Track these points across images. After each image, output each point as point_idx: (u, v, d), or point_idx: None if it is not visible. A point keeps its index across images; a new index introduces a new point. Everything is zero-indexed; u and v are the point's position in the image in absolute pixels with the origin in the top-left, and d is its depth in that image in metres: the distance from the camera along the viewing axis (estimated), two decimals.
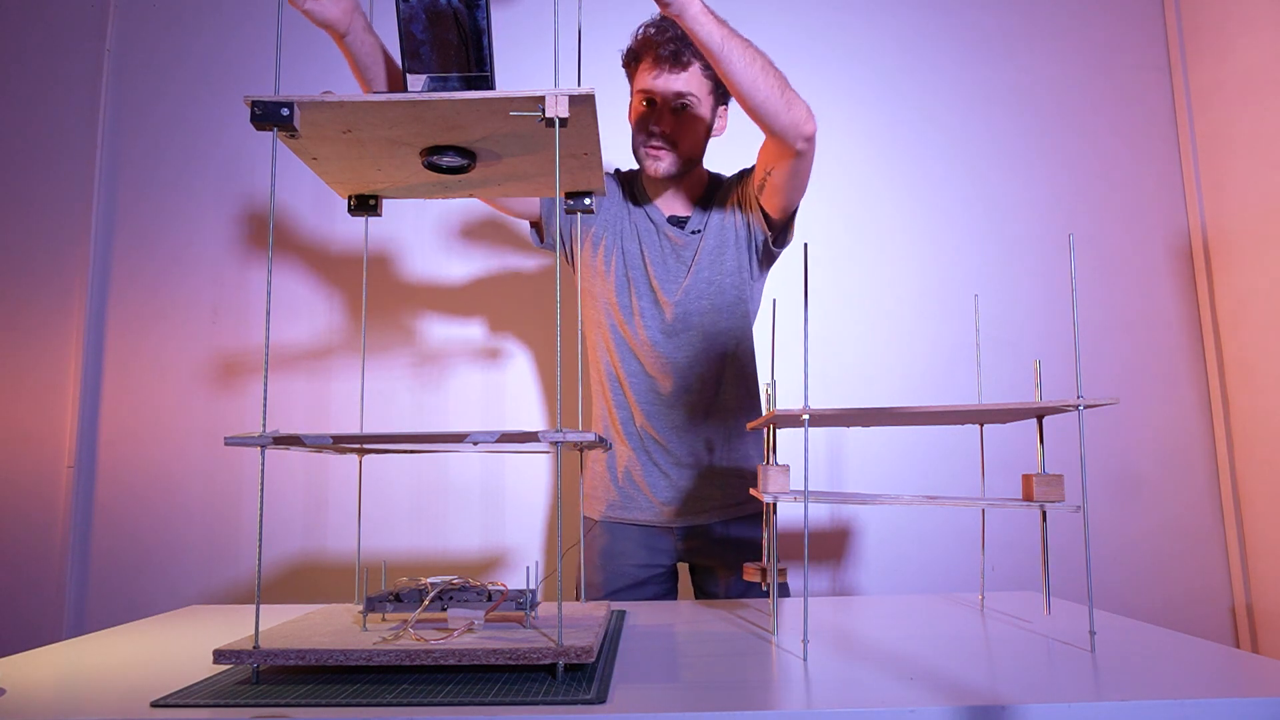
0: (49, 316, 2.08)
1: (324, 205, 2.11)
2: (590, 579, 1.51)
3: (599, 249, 1.51)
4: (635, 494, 1.50)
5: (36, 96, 2.15)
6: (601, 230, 1.51)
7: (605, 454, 1.54)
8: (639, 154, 1.47)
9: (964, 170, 2.15)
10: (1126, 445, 2.06)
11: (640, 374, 1.50)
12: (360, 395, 1.27)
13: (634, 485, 1.50)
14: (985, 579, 1.26)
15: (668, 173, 1.44)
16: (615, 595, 1.48)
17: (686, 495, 1.49)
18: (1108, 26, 2.19)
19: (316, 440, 0.84)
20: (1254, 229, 1.94)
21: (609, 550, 1.51)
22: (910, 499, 1.00)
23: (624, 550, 1.50)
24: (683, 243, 1.49)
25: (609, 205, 1.52)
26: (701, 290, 1.48)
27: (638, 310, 1.49)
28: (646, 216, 1.51)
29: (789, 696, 0.76)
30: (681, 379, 1.48)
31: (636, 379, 1.50)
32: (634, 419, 1.51)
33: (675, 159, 1.44)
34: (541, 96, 0.86)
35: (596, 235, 1.51)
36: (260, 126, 0.86)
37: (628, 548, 1.50)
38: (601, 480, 1.54)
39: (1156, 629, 1.04)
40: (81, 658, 0.96)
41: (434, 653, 0.80)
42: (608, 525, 1.52)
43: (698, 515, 1.49)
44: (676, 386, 1.48)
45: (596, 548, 1.52)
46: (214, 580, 2.01)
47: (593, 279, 1.52)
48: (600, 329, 1.53)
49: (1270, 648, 1.91)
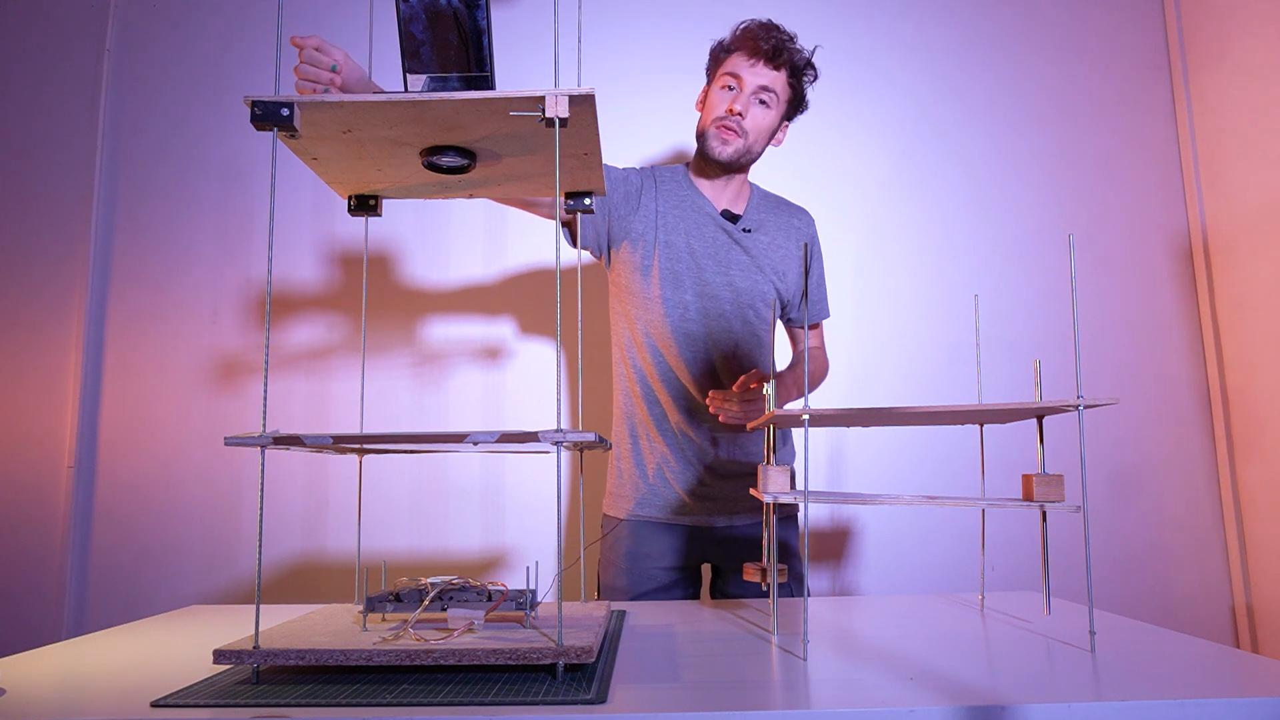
0: (49, 316, 2.08)
1: (324, 205, 2.11)
2: (614, 581, 1.48)
3: (639, 244, 1.50)
4: (667, 491, 1.49)
5: (36, 96, 2.16)
6: (644, 226, 1.51)
7: (631, 451, 1.53)
8: (707, 134, 1.49)
9: (964, 170, 2.15)
10: (1126, 445, 2.06)
11: (677, 369, 1.49)
12: (360, 395, 1.27)
13: (665, 483, 1.49)
14: (985, 579, 1.26)
15: (731, 157, 1.48)
16: (642, 598, 1.45)
17: (721, 494, 1.48)
18: (1108, 26, 2.19)
19: (316, 440, 0.84)
20: (1254, 229, 1.94)
21: (634, 552, 1.48)
22: (910, 499, 1.00)
23: (650, 552, 1.48)
24: (736, 237, 1.51)
25: (649, 201, 1.52)
26: (751, 284, 1.49)
27: (680, 303, 1.48)
28: (697, 209, 1.52)
29: (789, 696, 0.76)
30: (718, 375, 1.48)
31: (672, 375, 1.49)
32: (668, 416, 1.49)
33: (742, 145, 1.47)
34: (541, 96, 0.86)
35: (637, 231, 1.50)
36: (260, 126, 0.86)
37: (655, 548, 1.48)
38: (630, 478, 1.52)
39: (1156, 629, 1.04)
40: (81, 658, 0.96)
41: (434, 653, 0.80)
42: (635, 524, 1.50)
43: (732, 515, 1.49)
44: (714, 383, 1.48)
45: (621, 549, 1.49)
46: (214, 580, 2.01)
47: (631, 274, 1.51)
48: (635, 325, 1.52)
49: (1270, 648, 1.91)
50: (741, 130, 1.47)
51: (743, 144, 1.48)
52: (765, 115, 1.48)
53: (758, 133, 1.48)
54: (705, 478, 1.48)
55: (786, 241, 1.54)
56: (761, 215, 1.55)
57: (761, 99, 1.47)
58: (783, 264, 1.53)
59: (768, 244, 1.53)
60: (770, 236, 1.53)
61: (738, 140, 1.47)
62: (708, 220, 1.51)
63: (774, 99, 1.47)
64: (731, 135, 1.47)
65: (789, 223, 1.56)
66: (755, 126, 1.48)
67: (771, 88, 1.46)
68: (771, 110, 1.48)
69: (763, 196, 1.59)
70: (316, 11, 2.17)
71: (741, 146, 1.48)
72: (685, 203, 1.52)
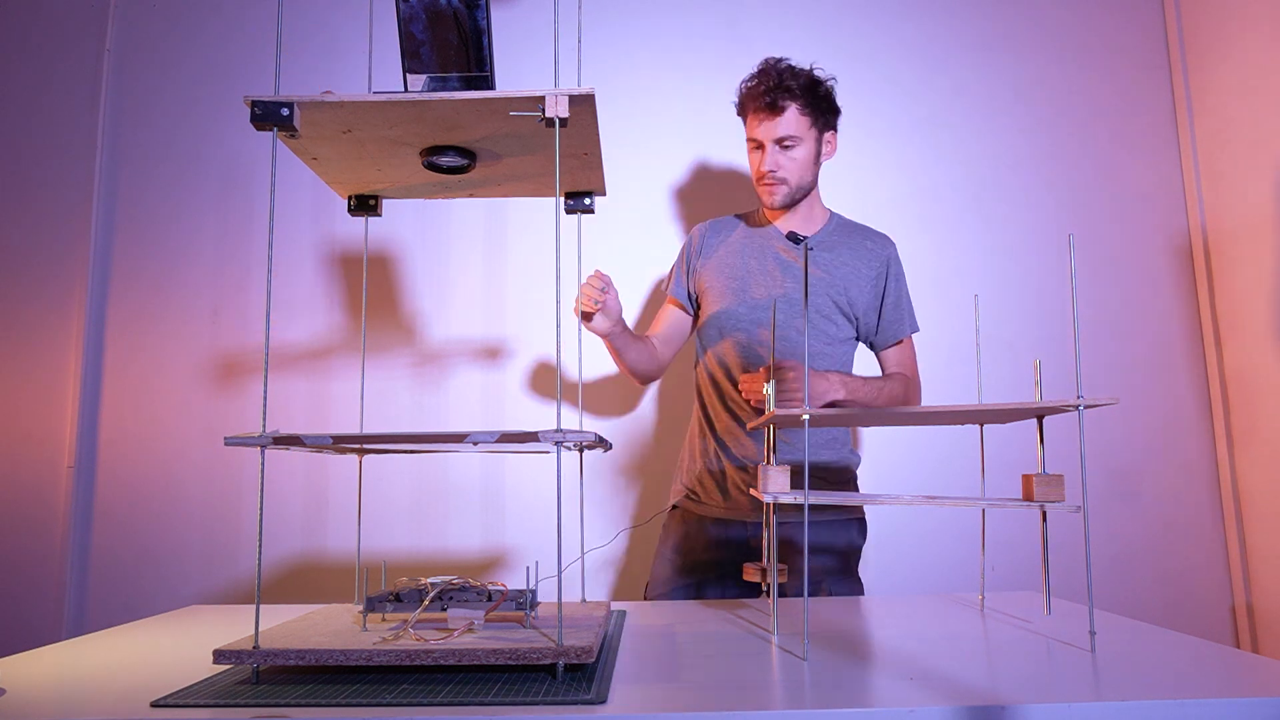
0: (49, 316, 2.08)
1: (324, 205, 2.11)
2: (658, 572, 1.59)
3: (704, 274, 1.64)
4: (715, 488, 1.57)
5: (36, 96, 2.15)
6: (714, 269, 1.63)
7: (689, 448, 1.64)
8: (758, 189, 1.59)
9: (964, 170, 2.15)
10: (1126, 445, 2.06)
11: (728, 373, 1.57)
12: (360, 395, 1.27)
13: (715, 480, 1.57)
14: (985, 579, 1.26)
15: (783, 203, 1.58)
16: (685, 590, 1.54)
17: None
18: (1108, 26, 2.19)
19: (316, 440, 0.84)
20: (1254, 229, 1.94)
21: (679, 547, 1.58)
22: (910, 499, 1.00)
23: (694, 546, 1.56)
24: (794, 255, 1.58)
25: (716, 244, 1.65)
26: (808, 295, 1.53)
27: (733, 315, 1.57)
28: (762, 235, 1.63)
29: (789, 696, 0.76)
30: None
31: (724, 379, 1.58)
32: (720, 416, 1.58)
33: (788, 189, 1.56)
34: (541, 96, 0.86)
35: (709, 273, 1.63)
36: (260, 126, 0.86)
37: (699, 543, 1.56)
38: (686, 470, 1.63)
39: (1156, 629, 1.04)
40: (81, 658, 0.96)
41: (434, 653, 0.80)
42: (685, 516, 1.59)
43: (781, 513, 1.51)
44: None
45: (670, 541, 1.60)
46: (214, 580, 2.01)
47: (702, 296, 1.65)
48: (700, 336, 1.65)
49: (1270, 648, 1.91)
50: (780, 179, 1.55)
51: (786, 189, 1.56)
52: (797, 154, 1.55)
53: (797, 172, 1.56)
54: (750, 478, 1.54)
55: (856, 260, 1.59)
56: (834, 238, 1.61)
57: (785, 145, 1.54)
58: (846, 281, 1.57)
59: (831, 261, 1.58)
60: (837, 255, 1.59)
61: (782, 188, 1.56)
62: (769, 242, 1.61)
63: (797, 138, 1.53)
64: (774, 186, 1.56)
65: (861, 244, 1.61)
66: (791, 169, 1.55)
67: (788, 133, 1.53)
68: (800, 146, 1.54)
69: (840, 223, 1.65)
70: (316, 11, 2.17)
71: (787, 191, 1.56)
72: (747, 231, 1.64)
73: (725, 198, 2.09)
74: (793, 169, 1.55)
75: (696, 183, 2.15)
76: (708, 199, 2.12)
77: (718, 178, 2.14)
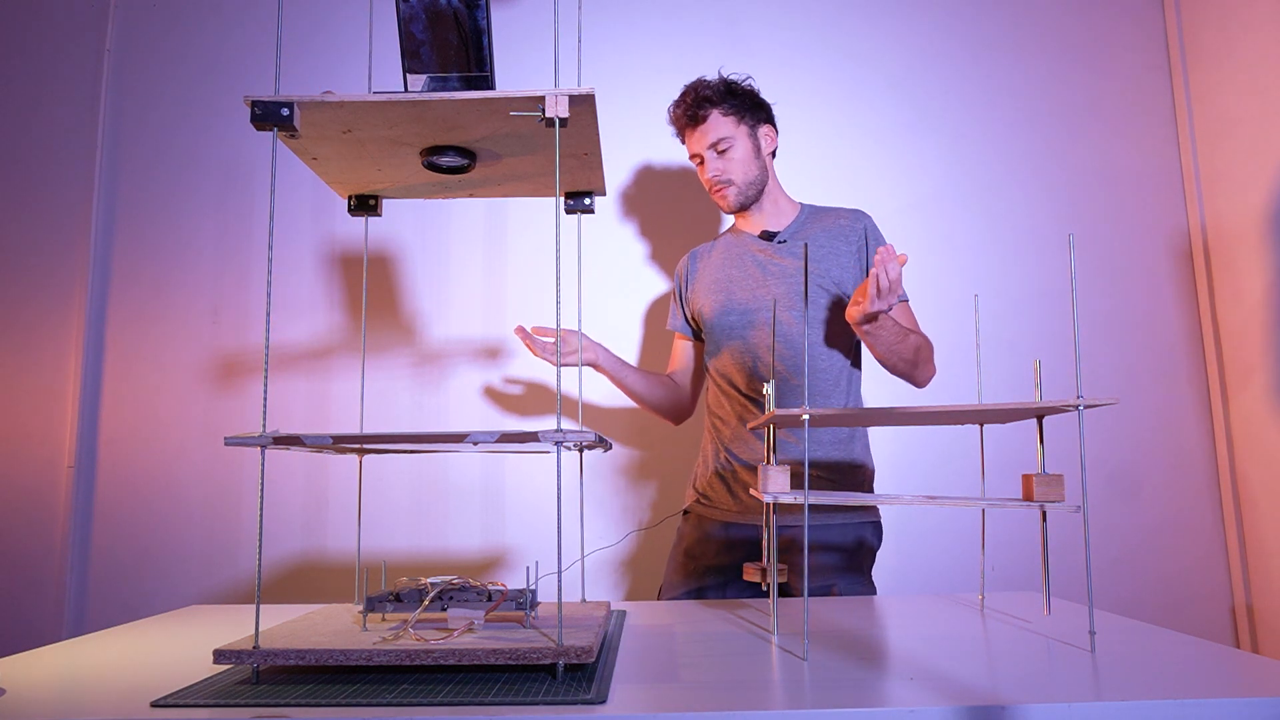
0: (49, 316, 2.08)
1: (324, 205, 2.11)
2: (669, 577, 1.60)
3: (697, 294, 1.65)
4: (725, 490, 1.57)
5: (36, 96, 2.15)
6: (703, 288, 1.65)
7: (702, 451, 1.65)
8: (713, 199, 1.62)
9: (964, 170, 2.15)
10: (1126, 445, 2.06)
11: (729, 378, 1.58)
12: (360, 395, 1.27)
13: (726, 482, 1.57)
14: (985, 579, 1.26)
15: (738, 205, 1.60)
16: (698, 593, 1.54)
17: None
18: (1108, 26, 2.19)
19: (316, 440, 0.84)
20: (1254, 229, 1.94)
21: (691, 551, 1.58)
22: (910, 499, 1.00)
23: (705, 550, 1.57)
24: (769, 253, 1.58)
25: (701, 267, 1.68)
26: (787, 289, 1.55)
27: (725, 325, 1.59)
28: (737, 243, 1.64)
29: (789, 696, 0.76)
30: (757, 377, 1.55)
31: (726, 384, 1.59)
32: (727, 421, 1.59)
33: (736, 189, 1.59)
34: (541, 96, 0.86)
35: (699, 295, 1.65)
36: (260, 126, 0.86)
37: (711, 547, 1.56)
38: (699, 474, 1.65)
39: (1156, 629, 1.04)
40: (81, 658, 0.96)
41: (434, 653, 0.80)
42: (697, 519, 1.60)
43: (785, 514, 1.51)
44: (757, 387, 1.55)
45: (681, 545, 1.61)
46: (214, 580, 2.01)
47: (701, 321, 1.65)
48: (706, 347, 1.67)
49: (1270, 648, 1.91)
50: (725, 182, 1.58)
51: (735, 189, 1.58)
52: (734, 154, 1.57)
53: (739, 170, 1.57)
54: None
55: (831, 240, 1.58)
56: (806, 228, 1.61)
57: (720, 150, 1.56)
58: (827, 261, 1.56)
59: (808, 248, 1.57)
60: (813, 240, 1.59)
61: (730, 189, 1.58)
62: (744, 246, 1.62)
63: (728, 139, 1.56)
64: (723, 190, 1.59)
65: (835, 223, 1.61)
66: (734, 169, 1.57)
67: (717, 136, 1.55)
68: (734, 146, 1.56)
69: (812, 211, 1.65)
70: (316, 11, 2.17)
71: (736, 191, 1.58)
72: (724, 244, 1.66)
73: None
74: (735, 168, 1.57)
75: (696, 182, 2.15)
76: (707, 199, 2.12)
77: None
